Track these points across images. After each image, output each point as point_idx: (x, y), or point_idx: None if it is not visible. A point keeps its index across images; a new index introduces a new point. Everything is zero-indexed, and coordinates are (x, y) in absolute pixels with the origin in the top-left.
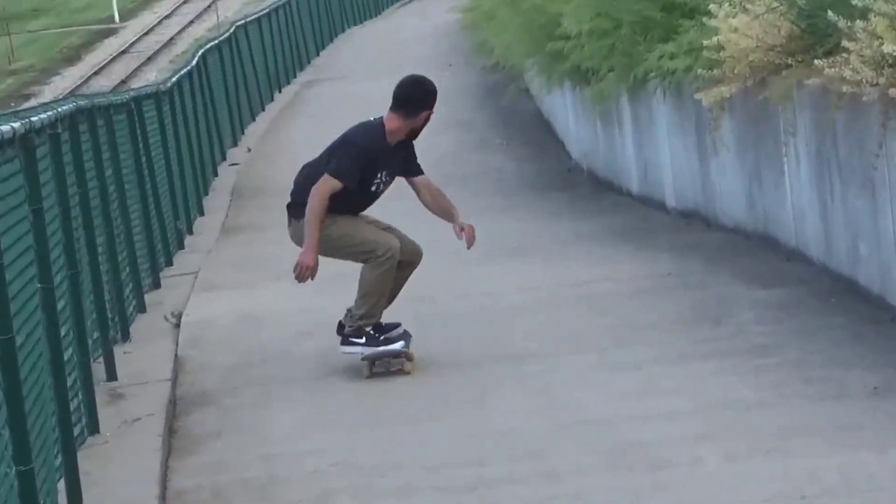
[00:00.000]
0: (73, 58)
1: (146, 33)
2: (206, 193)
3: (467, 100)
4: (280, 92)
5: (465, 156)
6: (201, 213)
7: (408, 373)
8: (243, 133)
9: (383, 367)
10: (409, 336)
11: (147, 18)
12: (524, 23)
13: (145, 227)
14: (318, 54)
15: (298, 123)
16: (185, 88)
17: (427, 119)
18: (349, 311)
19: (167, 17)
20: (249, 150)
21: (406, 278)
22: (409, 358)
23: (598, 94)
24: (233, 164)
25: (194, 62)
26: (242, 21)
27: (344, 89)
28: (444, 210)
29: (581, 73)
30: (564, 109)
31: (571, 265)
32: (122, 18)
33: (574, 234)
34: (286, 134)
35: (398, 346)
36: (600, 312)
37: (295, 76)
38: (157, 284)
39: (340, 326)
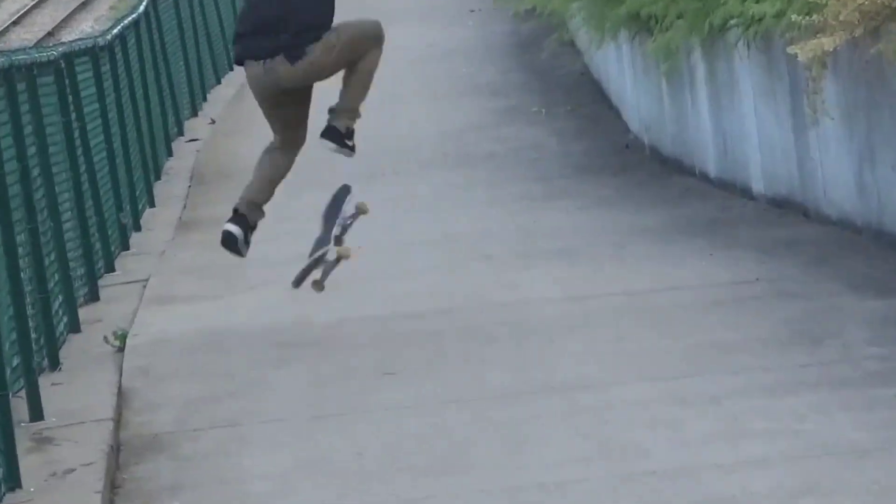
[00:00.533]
0: None
1: None
2: (158, 178)
3: (495, 56)
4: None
5: (493, 129)
6: (151, 204)
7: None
8: (205, 100)
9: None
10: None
11: None
12: None
13: (79, 222)
14: None
15: None
16: (131, 42)
17: None
18: (338, 110)
19: None
20: (213, 121)
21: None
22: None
23: (663, 48)
24: (192, 140)
25: (142, 7)
26: None
27: None
28: None
29: (641, 20)
30: (620, 68)
31: (630, 269)
32: None
33: (633, 229)
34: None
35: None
36: (667, 330)
37: None
38: (94, 296)
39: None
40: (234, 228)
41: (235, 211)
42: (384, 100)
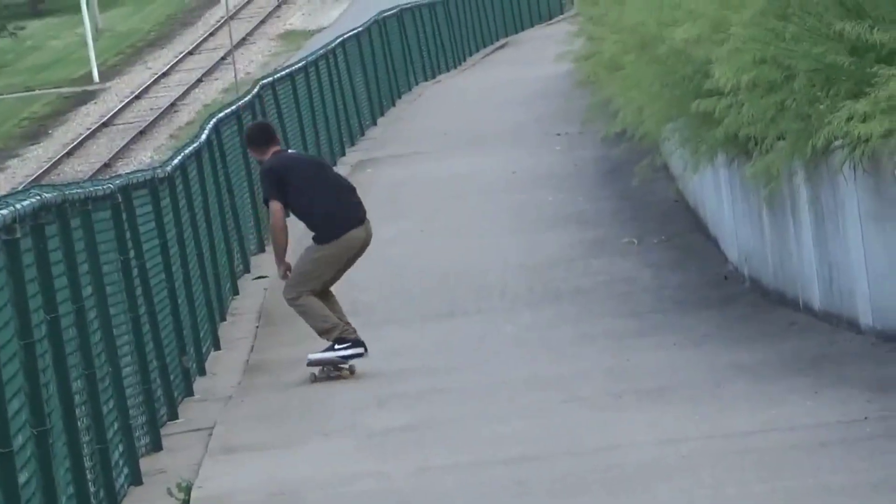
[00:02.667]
0: (37, 132)
1: (136, 97)
2: (224, 318)
3: (584, 183)
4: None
5: (581, 261)
6: (217, 347)
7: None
8: None
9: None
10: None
11: (138, 77)
12: (661, 74)
13: (139, 366)
14: (375, 123)
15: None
16: (192, 173)
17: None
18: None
19: (165, 74)
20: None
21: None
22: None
23: (763, 172)
24: (259, 277)
25: (204, 136)
26: (269, 78)
27: (412, 170)
28: None
29: (740, 142)
30: (717, 194)
31: (729, 409)
32: (104, 77)
33: (732, 367)
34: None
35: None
36: (770, 474)
37: (343, 153)
38: (157, 445)
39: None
40: (360, 353)
41: (345, 341)
42: (466, 232)
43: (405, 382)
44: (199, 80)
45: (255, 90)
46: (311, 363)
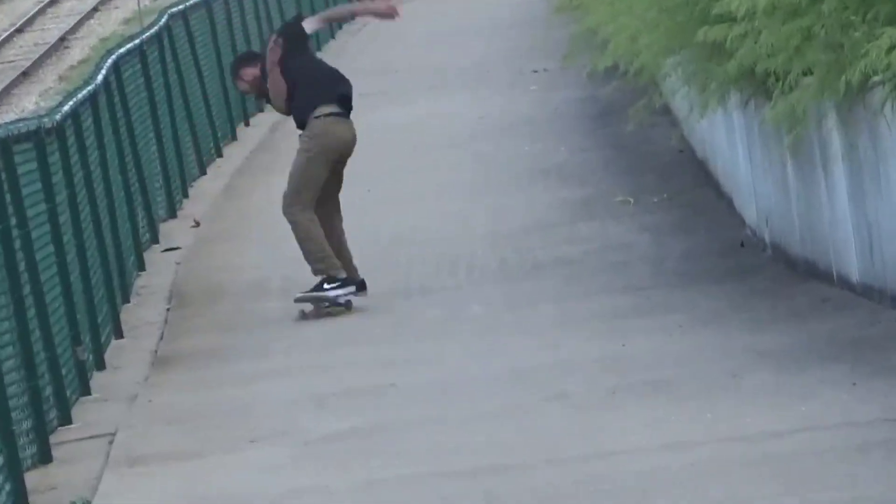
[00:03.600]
0: None
1: (17, 31)
2: (127, 300)
3: (566, 130)
4: (247, 125)
5: (566, 226)
6: (119, 334)
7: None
8: (186, 196)
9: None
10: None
11: (20, 5)
12: None
13: (22, 360)
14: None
15: (282, 178)
16: (87, 123)
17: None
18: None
19: (53, 1)
20: (197, 223)
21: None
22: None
23: (785, 115)
24: (169, 249)
25: (101, 78)
26: (180, 6)
27: (356, 118)
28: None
29: (757, 78)
30: (730, 142)
31: (747, 406)
32: None
33: (751, 353)
34: (261, 193)
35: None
36: (798, 485)
37: None
38: (45, 456)
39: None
40: (350, 293)
41: (327, 280)
42: (423, 192)
43: (349, 377)
44: (95, 10)
45: (163, 20)
46: (300, 300)
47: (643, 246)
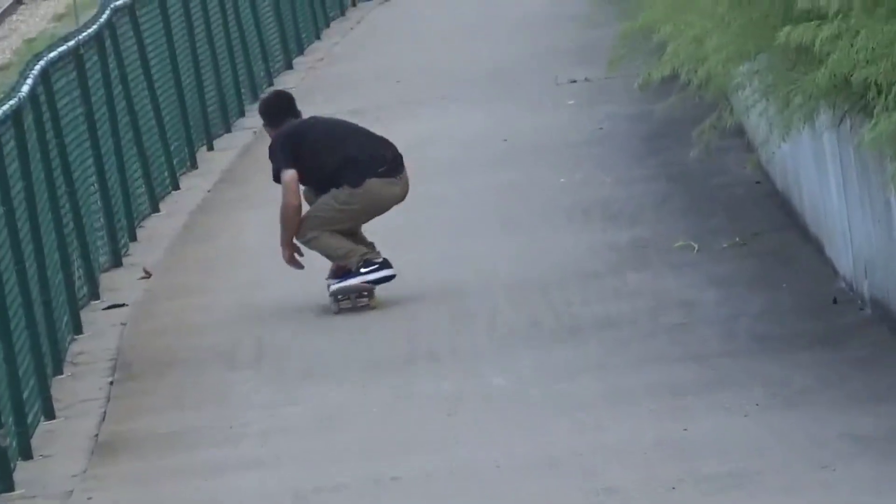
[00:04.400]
0: None
1: None
2: (60, 371)
3: (612, 155)
4: (210, 149)
5: (611, 277)
6: (49, 415)
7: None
8: (134, 239)
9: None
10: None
11: None
12: None
13: None
14: (290, 66)
15: (254, 215)
16: (7, 147)
17: None
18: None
19: None
20: (148, 273)
21: None
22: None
23: (890, 136)
24: (113, 307)
25: (26, 89)
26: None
27: None
28: None
29: (853, 91)
30: (820, 170)
31: None
32: None
33: (844, 440)
34: (228, 236)
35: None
36: None
37: (242, 113)
38: None
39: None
40: (388, 276)
41: (371, 264)
42: (433, 230)
43: (339, 468)
44: (19, 2)
45: (104, 16)
46: (334, 293)
47: (709, 303)
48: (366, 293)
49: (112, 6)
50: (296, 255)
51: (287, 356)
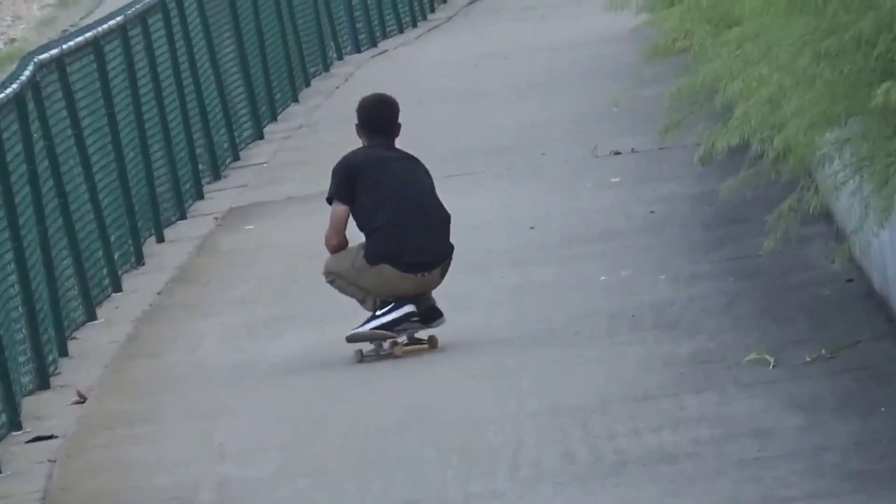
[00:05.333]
0: None
1: None
2: None
3: (670, 246)
4: (161, 240)
5: (669, 398)
6: None
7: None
8: (65, 355)
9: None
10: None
11: None
12: (815, 34)
13: None
14: (261, 135)
15: (215, 324)
16: None
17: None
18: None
19: None
20: (83, 397)
21: None
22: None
23: None
24: (38, 439)
25: None
26: (53, 51)
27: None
28: None
29: None
30: None
31: None
32: None
33: None
34: (182, 348)
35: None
36: None
37: (201, 195)
38: None
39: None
40: (409, 315)
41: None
42: (444, 339)
43: None
44: None
45: (27, 72)
46: (353, 339)
47: (790, 432)
48: (387, 338)
49: (36, 60)
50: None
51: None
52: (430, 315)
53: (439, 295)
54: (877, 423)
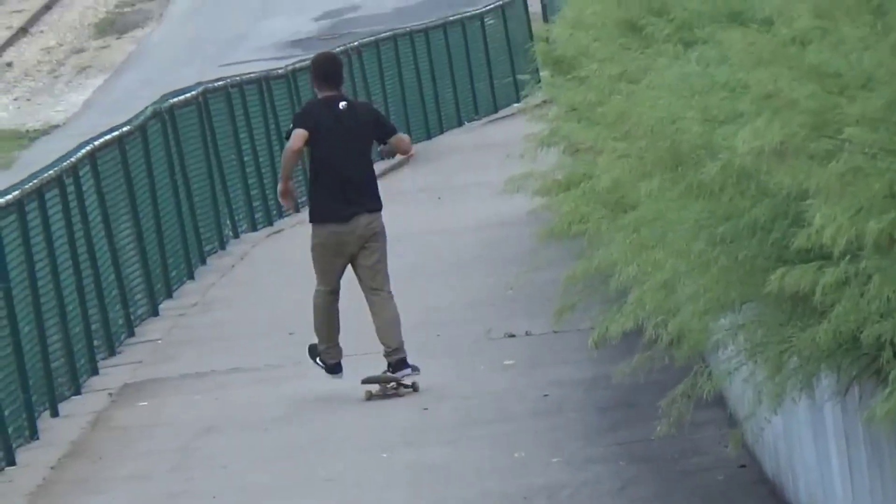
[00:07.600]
0: None
1: None
2: None
3: (564, 431)
4: (55, 414)
5: None
6: None
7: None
8: None
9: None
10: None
11: None
12: (709, 219)
13: None
14: (156, 312)
15: (112, 500)
16: None
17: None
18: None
19: None
20: None
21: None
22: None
23: None
24: None
25: None
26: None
27: (219, 407)
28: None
29: (864, 352)
30: (820, 452)
31: None
32: None
33: None
34: None
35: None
36: None
37: (95, 371)
38: None
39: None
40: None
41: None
42: None
43: None
44: None
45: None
46: (368, 381)
47: None
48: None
49: None
50: (289, 193)
51: None
52: (397, 364)
53: (326, 482)
54: None
